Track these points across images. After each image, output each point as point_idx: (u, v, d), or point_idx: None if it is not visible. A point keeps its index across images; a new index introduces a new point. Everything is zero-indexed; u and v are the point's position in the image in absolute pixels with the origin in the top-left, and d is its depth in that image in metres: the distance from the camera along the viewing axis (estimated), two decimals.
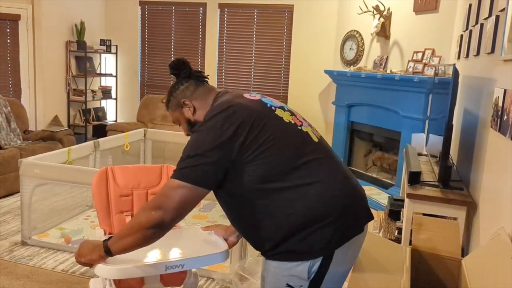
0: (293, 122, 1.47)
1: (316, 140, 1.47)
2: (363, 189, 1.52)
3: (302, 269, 1.38)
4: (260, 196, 1.38)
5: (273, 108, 1.47)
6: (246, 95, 1.50)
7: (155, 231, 1.36)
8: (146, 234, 1.36)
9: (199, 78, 1.62)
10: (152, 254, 1.68)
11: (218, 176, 1.38)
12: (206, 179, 1.36)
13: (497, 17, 2.33)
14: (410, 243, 2.06)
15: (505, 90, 1.93)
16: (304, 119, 1.55)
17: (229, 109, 1.40)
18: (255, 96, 1.51)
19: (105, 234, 1.94)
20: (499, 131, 1.99)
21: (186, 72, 1.60)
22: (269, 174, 1.36)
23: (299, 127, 1.47)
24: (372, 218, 1.47)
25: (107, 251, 1.45)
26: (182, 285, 1.96)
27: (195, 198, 1.37)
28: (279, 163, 1.37)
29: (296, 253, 1.38)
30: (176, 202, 1.34)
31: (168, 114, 6.49)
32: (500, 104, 1.99)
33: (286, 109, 1.52)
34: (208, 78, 1.65)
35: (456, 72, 2.53)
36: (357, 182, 1.51)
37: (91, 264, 1.52)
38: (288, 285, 1.40)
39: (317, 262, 1.37)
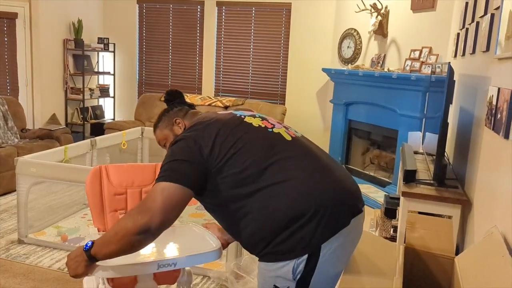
0: (263, 126, 1.50)
1: (289, 139, 1.48)
2: (354, 183, 1.50)
3: (287, 269, 1.37)
4: (239, 201, 1.40)
5: (242, 116, 1.53)
6: (221, 112, 1.60)
7: (142, 237, 1.32)
8: (132, 240, 1.32)
9: (191, 106, 1.76)
10: (144, 252, 1.68)
11: (198, 177, 1.40)
12: (187, 178, 1.38)
13: (492, 15, 2.33)
14: (405, 242, 2.07)
15: (499, 89, 1.93)
16: (278, 122, 1.57)
17: (199, 124, 1.49)
18: (230, 111, 1.60)
19: (98, 232, 1.94)
20: (493, 129, 1.99)
21: (180, 100, 1.74)
22: (242, 178, 1.38)
23: (270, 130, 1.49)
24: (360, 211, 1.45)
25: (91, 259, 1.42)
26: (175, 283, 1.96)
27: (180, 198, 1.36)
28: (249, 165, 1.39)
29: (280, 254, 1.37)
30: (161, 204, 1.32)
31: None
32: (494, 102, 1.99)
33: (257, 116, 1.55)
34: (196, 108, 1.78)
35: (451, 71, 2.53)
36: (345, 175, 1.49)
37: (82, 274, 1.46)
38: (275, 286, 1.40)
39: (302, 262, 1.36)
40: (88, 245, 1.41)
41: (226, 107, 5.97)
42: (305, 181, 1.38)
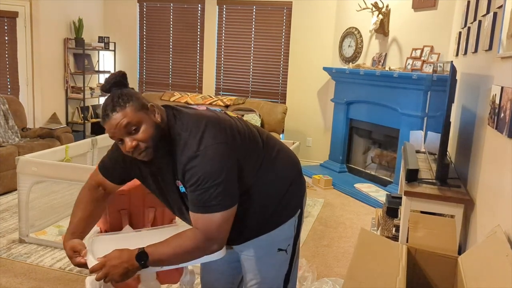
0: (238, 116, 1.63)
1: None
2: None
3: (292, 227, 1.61)
4: (259, 180, 1.53)
5: (222, 112, 1.61)
6: (196, 107, 1.57)
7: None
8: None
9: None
10: None
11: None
12: (237, 195, 1.43)
13: (495, 14, 2.33)
14: (408, 241, 2.06)
15: (502, 88, 1.93)
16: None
17: (209, 122, 1.43)
18: (202, 106, 1.60)
19: (100, 231, 1.94)
20: (496, 128, 1.98)
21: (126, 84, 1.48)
22: (258, 159, 1.53)
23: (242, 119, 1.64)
24: None
25: (143, 257, 1.42)
26: (178, 283, 1.96)
27: (235, 212, 1.44)
28: (259, 149, 1.54)
29: (285, 215, 1.59)
30: (226, 231, 1.42)
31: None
32: (497, 101, 1.99)
33: (222, 110, 1.66)
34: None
35: (453, 69, 2.53)
36: None
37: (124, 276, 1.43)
38: (279, 249, 1.60)
39: (297, 217, 1.62)
40: (143, 259, 1.41)
41: (227, 106, 5.96)
42: (286, 151, 1.65)
